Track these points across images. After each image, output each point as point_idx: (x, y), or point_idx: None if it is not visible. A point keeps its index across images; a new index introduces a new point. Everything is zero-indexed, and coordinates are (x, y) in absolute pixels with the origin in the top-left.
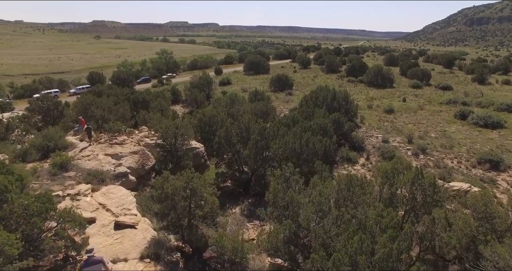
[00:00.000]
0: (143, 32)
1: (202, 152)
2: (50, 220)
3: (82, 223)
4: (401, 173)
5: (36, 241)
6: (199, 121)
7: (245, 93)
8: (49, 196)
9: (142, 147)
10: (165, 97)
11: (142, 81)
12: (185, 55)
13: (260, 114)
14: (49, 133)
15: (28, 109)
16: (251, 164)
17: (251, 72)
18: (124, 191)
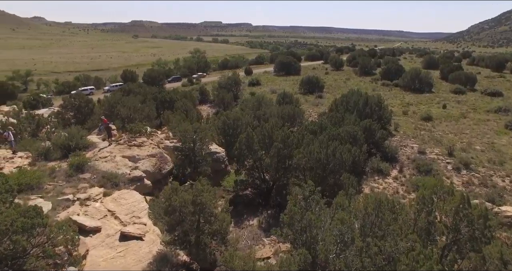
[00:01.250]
0: (178, 31)
1: (223, 156)
2: (39, 236)
3: (75, 240)
4: (442, 198)
5: (21, 259)
6: (223, 123)
7: (274, 95)
8: (38, 210)
9: (160, 150)
10: (192, 97)
11: (172, 80)
12: (218, 54)
13: (287, 117)
14: (71, 132)
15: (61, 106)
16: (272, 174)
17: (282, 73)
18: (137, 197)
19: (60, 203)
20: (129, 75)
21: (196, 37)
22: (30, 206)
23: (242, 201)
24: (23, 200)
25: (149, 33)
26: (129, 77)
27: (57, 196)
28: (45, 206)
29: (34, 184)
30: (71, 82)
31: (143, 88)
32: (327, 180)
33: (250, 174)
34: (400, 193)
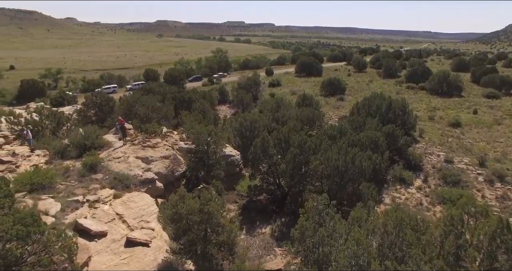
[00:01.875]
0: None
1: (238, 160)
2: (37, 244)
3: (73, 248)
4: (474, 218)
5: (16, 267)
6: (240, 125)
7: (294, 96)
8: (35, 217)
9: (174, 152)
10: (211, 97)
11: (193, 80)
12: (240, 54)
13: (306, 120)
14: (87, 131)
15: (84, 104)
16: (287, 180)
17: (303, 74)
18: (147, 200)
19: (70, 204)
20: (151, 74)
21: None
22: (27, 213)
23: (255, 207)
24: (34, 200)
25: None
26: (151, 76)
27: (67, 197)
28: (54, 207)
29: (46, 183)
30: (95, 80)
31: (163, 87)
32: (345, 188)
33: (264, 179)
34: (424, 204)
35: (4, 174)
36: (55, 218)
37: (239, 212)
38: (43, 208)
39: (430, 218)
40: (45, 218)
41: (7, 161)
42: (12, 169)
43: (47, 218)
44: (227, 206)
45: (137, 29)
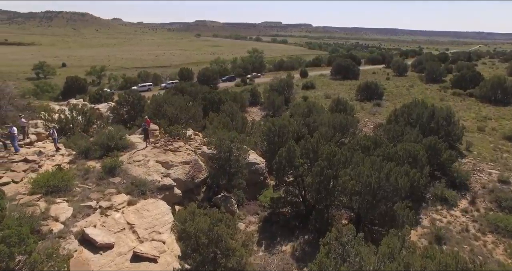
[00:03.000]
0: (238, 31)
1: (262, 168)
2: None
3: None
4: None
5: None
6: (268, 130)
7: (328, 100)
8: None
9: (196, 157)
10: (242, 98)
11: (226, 80)
12: (276, 55)
13: (338, 127)
14: (111, 132)
15: (117, 102)
16: (313, 194)
17: (338, 77)
18: (162, 208)
19: (82, 210)
20: (185, 73)
21: (256, 37)
22: (14, 231)
23: (277, 220)
24: (48, 203)
25: (211, 32)
26: (185, 75)
27: (82, 201)
28: (65, 212)
29: (62, 186)
30: (132, 78)
31: (195, 87)
32: (377, 208)
33: (288, 191)
34: (471, 231)
35: (26, 174)
36: (64, 224)
37: (259, 224)
38: (54, 213)
39: (480, 250)
40: (54, 224)
41: (31, 160)
42: (35, 168)
43: (56, 225)
44: (247, 217)
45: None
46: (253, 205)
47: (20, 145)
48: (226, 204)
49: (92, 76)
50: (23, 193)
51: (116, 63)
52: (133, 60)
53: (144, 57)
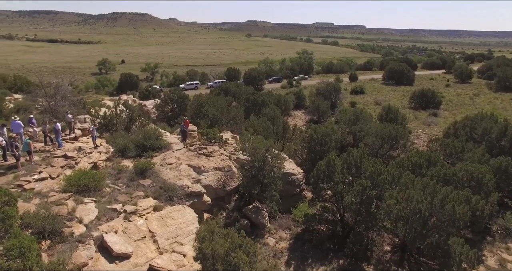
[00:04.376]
0: (289, 32)
1: (299, 179)
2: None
3: None
4: None
5: None
6: (310, 137)
7: (377, 107)
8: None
9: (229, 163)
10: (286, 101)
11: (273, 81)
12: (325, 56)
13: (387, 138)
14: (148, 131)
15: (162, 100)
16: (352, 215)
17: (391, 82)
18: (188, 217)
19: (107, 213)
20: (232, 72)
21: (306, 38)
22: (15, 244)
23: (310, 239)
24: (76, 203)
25: (261, 32)
26: (232, 74)
27: (108, 203)
28: (90, 214)
29: (91, 186)
30: (181, 76)
31: (239, 88)
32: (427, 238)
33: (325, 208)
34: None
35: (63, 170)
36: (86, 227)
37: (290, 241)
38: (79, 214)
39: None
40: (77, 226)
41: (70, 157)
42: (72, 165)
43: (78, 227)
44: (278, 232)
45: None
46: (286, 219)
47: (65, 140)
48: (257, 216)
49: (146, 72)
50: (56, 190)
51: (169, 60)
52: (185, 58)
53: (195, 56)
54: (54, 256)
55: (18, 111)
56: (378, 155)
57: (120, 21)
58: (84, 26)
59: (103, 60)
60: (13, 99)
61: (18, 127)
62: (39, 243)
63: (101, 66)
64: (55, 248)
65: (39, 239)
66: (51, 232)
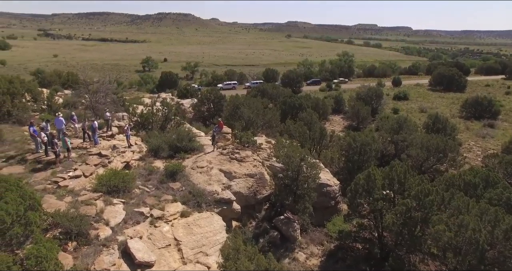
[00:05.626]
0: (330, 33)
1: (335, 191)
2: None
3: None
4: None
5: None
6: (348, 145)
7: (423, 115)
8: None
9: (261, 171)
10: (324, 105)
11: (311, 83)
12: (367, 59)
13: (433, 150)
14: (181, 132)
15: (198, 99)
16: (393, 236)
17: (439, 88)
18: (216, 225)
19: (134, 216)
20: (270, 73)
21: (347, 40)
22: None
23: (344, 257)
24: (105, 203)
25: (301, 33)
26: (270, 75)
27: (136, 205)
28: (117, 216)
29: (121, 187)
30: (219, 76)
31: (276, 89)
32: None
33: (362, 226)
34: None
35: (96, 168)
36: (112, 230)
37: (322, 259)
38: (106, 216)
39: None
40: (103, 229)
41: (104, 155)
42: (105, 163)
43: (104, 230)
44: (310, 247)
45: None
46: (319, 233)
47: (102, 137)
48: (288, 228)
49: (186, 71)
50: (88, 189)
51: (209, 60)
52: (224, 57)
53: (235, 55)
54: (78, 259)
55: (66, 106)
56: (422, 168)
57: (164, 21)
58: (131, 26)
59: (147, 58)
60: (63, 95)
61: (60, 124)
62: (65, 244)
63: (144, 64)
64: (80, 250)
65: (66, 240)
66: (77, 234)
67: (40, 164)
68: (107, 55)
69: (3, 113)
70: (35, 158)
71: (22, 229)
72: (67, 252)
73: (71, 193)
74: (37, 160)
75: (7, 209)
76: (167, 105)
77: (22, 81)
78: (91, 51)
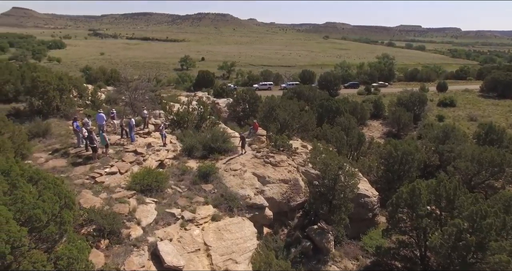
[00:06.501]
0: (369, 35)
1: (373, 203)
2: None
3: None
4: None
5: None
6: (388, 154)
7: (472, 124)
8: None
9: (296, 176)
10: (363, 110)
11: (349, 86)
12: (409, 62)
13: (486, 164)
14: (215, 133)
15: (234, 99)
16: (439, 259)
17: (492, 94)
18: (246, 231)
19: (165, 217)
20: (307, 75)
21: (388, 42)
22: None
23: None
24: (138, 202)
25: (340, 34)
26: (306, 77)
27: (168, 206)
28: (149, 216)
29: (154, 186)
30: (255, 76)
31: (313, 92)
32: None
33: (403, 243)
34: None
35: (132, 166)
36: (143, 230)
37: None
38: (138, 215)
39: None
40: (134, 228)
41: (139, 153)
42: (140, 161)
43: (136, 230)
44: (344, 260)
45: (305, 29)
46: (353, 246)
47: (138, 134)
48: (321, 239)
49: (223, 70)
50: (122, 186)
51: (246, 59)
52: (261, 58)
53: (271, 56)
54: (109, 258)
55: (107, 102)
56: (472, 183)
57: (203, 21)
58: (172, 25)
59: (185, 57)
60: (106, 91)
61: (101, 119)
62: (98, 242)
63: (182, 62)
64: (112, 249)
65: (99, 237)
66: (110, 232)
67: (80, 158)
68: (148, 53)
69: (53, 108)
70: (76, 153)
71: (57, 228)
72: (99, 250)
73: (107, 189)
74: (78, 155)
75: (43, 208)
76: (203, 104)
77: (70, 77)
78: (134, 49)
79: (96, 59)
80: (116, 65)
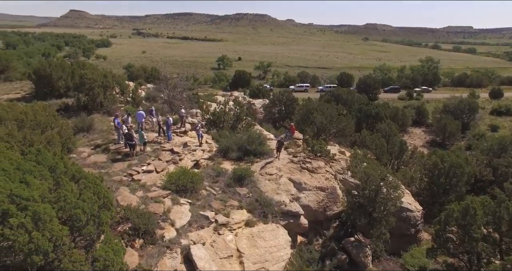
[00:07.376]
0: (412, 36)
1: (416, 218)
2: None
3: None
4: None
5: None
6: (434, 166)
7: None
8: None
9: (334, 184)
10: (404, 116)
11: (389, 90)
12: (456, 66)
13: None
14: (252, 134)
15: (270, 100)
16: None
17: None
18: (280, 240)
19: (198, 219)
20: (345, 78)
21: (433, 44)
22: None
23: None
24: (173, 202)
25: (380, 36)
26: (344, 80)
27: (202, 208)
28: (183, 218)
29: (189, 187)
30: (292, 77)
31: (351, 96)
32: None
33: (452, 267)
34: None
35: (168, 165)
36: (177, 232)
37: None
38: (173, 216)
39: None
40: (168, 229)
41: (175, 152)
42: (176, 161)
43: (170, 231)
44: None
45: (344, 31)
46: (393, 263)
47: (175, 133)
48: (358, 253)
49: (259, 70)
50: (158, 185)
51: (282, 60)
52: (297, 59)
53: (308, 57)
54: (143, 258)
55: (147, 99)
56: None
57: (242, 21)
58: (211, 25)
59: (222, 57)
60: (146, 88)
61: (140, 117)
62: (133, 241)
63: (220, 62)
64: (146, 249)
65: (134, 236)
66: (145, 231)
67: (119, 155)
68: (187, 52)
69: (97, 104)
70: (116, 149)
71: (95, 228)
72: (134, 249)
73: (143, 187)
74: (117, 151)
75: (83, 208)
76: (239, 104)
77: (114, 75)
78: (174, 48)
79: (138, 57)
80: (156, 63)
